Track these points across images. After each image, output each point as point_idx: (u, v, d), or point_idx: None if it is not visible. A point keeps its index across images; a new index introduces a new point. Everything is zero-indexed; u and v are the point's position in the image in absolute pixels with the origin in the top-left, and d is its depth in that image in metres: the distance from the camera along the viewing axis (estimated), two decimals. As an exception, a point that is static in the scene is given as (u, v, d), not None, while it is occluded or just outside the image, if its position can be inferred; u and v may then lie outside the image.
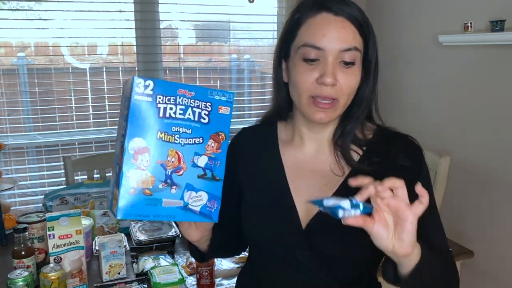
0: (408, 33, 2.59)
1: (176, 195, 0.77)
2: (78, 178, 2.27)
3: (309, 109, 0.87)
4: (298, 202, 0.94)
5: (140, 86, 0.73)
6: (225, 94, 0.80)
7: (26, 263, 1.31)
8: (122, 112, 0.78)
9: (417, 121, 2.54)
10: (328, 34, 0.84)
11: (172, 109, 0.75)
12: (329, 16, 0.85)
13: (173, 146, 0.76)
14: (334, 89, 0.85)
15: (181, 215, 0.78)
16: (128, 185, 0.73)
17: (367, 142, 0.93)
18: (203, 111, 0.78)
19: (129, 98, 0.73)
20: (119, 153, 0.75)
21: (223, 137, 0.80)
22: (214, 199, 0.80)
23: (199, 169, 0.78)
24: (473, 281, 2.22)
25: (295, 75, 0.88)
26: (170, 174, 0.76)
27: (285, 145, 1.00)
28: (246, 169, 1.03)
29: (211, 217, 0.81)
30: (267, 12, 2.80)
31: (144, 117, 0.73)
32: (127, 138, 0.72)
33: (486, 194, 2.15)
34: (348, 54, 0.85)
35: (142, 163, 0.74)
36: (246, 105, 2.90)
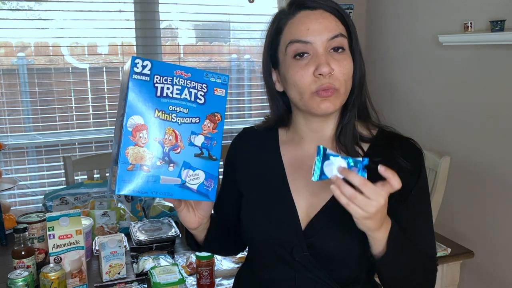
0: (408, 33, 2.59)
1: (173, 172, 0.78)
2: (78, 178, 2.27)
3: (313, 103, 0.87)
4: (298, 202, 0.94)
5: (138, 66, 0.76)
6: (221, 77, 0.82)
7: (26, 263, 1.31)
8: (121, 94, 0.80)
9: (417, 121, 2.54)
10: (311, 27, 0.86)
11: (169, 89, 0.78)
12: (307, 12, 0.87)
13: (170, 124, 0.78)
14: (331, 78, 0.86)
15: (178, 192, 0.79)
16: (127, 161, 0.75)
17: (370, 139, 0.94)
18: (199, 92, 0.80)
19: (127, 78, 0.76)
20: (118, 131, 0.77)
21: (219, 117, 0.82)
22: (211, 178, 0.82)
23: (196, 148, 0.80)
24: (473, 281, 2.22)
25: (292, 75, 0.88)
26: (167, 151, 0.78)
27: (286, 145, 1.01)
28: (247, 169, 1.03)
29: (208, 196, 0.82)
30: (267, 12, 2.80)
31: (142, 96, 0.76)
32: (125, 115, 0.75)
33: (486, 194, 2.15)
34: (336, 41, 0.86)
35: (140, 140, 0.76)
36: (246, 105, 2.90)
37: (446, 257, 1.54)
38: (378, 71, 2.77)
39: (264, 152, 1.02)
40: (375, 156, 0.90)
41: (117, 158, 0.75)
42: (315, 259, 0.90)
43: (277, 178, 0.97)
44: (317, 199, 0.92)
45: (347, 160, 0.77)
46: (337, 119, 0.95)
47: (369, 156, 0.91)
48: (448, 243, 1.62)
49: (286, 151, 1.00)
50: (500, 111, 2.04)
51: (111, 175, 0.80)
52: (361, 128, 0.95)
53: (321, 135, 0.96)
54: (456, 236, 2.03)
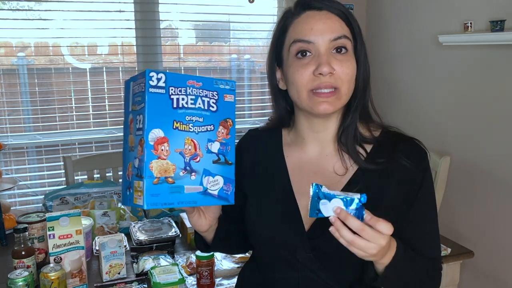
0: (408, 33, 2.59)
1: (195, 181, 0.81)
2: (78, 178, 2.27)
3: (311, 103, 0.87)
4: (301, 204, 0.94)
5: (153, 79, 0.77)
6: (228, 83, 0.85)
7: (26, 263, 1.31)
8: (133, 108, 0.81)
9: (417, 121, 2.54)
10: (315, 27, 0.86)
11: (184, 100, 0.79)
12: (313, 12, 0.88)
13: (188, 134, 0.80)
14: (333, 77, 0.85)
15: (202, 199, 0.82)
16: (152, 175, 0.76)
17: (374, 140, 0.93)
18: (211, 100, 0.82)
19: (143, 92, 0.77)
20: (138, 146, 0.78)
21: (230, 123, 0.85)
22: (229, 182, 0.84)
23: (213, 154, 0.83)
24: (473, 281, 2.22)
25: (292, 73, 0.89)
26: (188, 161, 0.80)
27: (289, 147, 1.01)
28: (251, 170, 1.03)
29: (228, 200, 0.85)
30: (267, 12, 2.80)
31: (160, 109, 0.77)
32: (146, 130, 0.76)
33: (486, 194, 2.15)
34: (339, 42, 0.87)
35: (162, 152, 0.77)
36: (246, 105, 2.90)
37: (446, 257, 1.55)
38: (378, 71, 2.77)
39: (268, 154, 1.03)
40: (379, 157, 0.91)
41: (141, 172, 0.76)
42: (319, 260, 0.91)
43: (281, 180, 0.97)
44: None
45: (344, 199, 0.76)
46: (339, 120, 0.95)
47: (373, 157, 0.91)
48: (448, 243, 1.62)
49: (289, 153, 1.00)
50: (500, 111, 2.04)
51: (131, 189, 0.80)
52: (364, 129, 0.95)
53: (322, 135, 0.96)
54: (456, 236, 2.03)
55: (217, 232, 1.00)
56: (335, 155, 0.94)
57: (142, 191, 0.76)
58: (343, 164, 0.93)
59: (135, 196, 0.78)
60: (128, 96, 0.84)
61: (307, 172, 0.96)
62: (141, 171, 0.76)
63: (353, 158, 0.92)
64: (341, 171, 0.92)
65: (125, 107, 0.86)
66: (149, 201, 0.76)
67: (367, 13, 2.90)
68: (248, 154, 1.06)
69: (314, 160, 0.96)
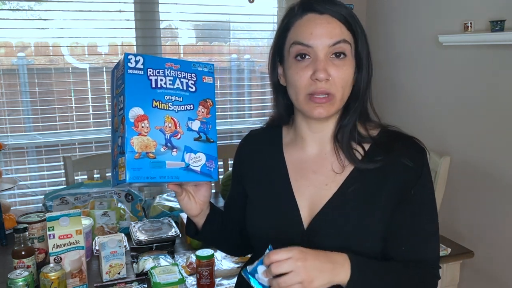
0: (408, 33, 2.59)
1: (177, 157, 0.84)
2: (78, 178, 2.27)
3: (307, 106, 0.89)
4: (301, 203, 0.95)
5: (132, 61, 0.81)
6: (207, 66, 0.89)
7: (26, 263, 1.31)
8: (116, 92, 0.85)
9: (417, 121, 2.54)
10: (315, 31, 0.87)
11: (162, 80, 0.84)
12: (315, 15, 0.89)
13: (168, 112, 0.84)
14: (328, 83, 0.87)
15: (184, 175, 0.85)
16: (133, 150, 0.80)
17: (371, 139, 0.94)
18: (189, 81, 0.86)
19: (123, 74, 0.81)
20: (120, 125, 0.82)
21: (210, 103, 0.88)
22: (211, 159, 0.87)
23: (194, 132, 0.86)
24: (473, 281, 2.22)
25: (291, 74, 0.90)
26: (169, 138, 0.83)
27: (289, 147, 1.02)
28: (251, 170, 1.05)
29: (211, 176, 0.88)
30: (267, 12, 2.80)
31: (139, 88, 0.82)
32: (126, 108, 0.80)
33: (486, 194, 2.15)
34: (337, 47, 0.87)
35: (142, 129, 0.81)
36: (246, 105, 2.90)
37: (446, 257, 1.54)
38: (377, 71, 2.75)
39: (268, 153, 1.04)
40: (376, 155, 0.91)
41: (123, 148, 0.80)
42: None
43: (280, 179, 0.98)
44: (318, 199, 0.93)
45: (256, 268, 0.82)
46: (337, 120, 0.96)
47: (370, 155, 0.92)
48: (448, 243, 1.62)
49: (289, 153, 1.01)
50: (500, 111, 2.04)
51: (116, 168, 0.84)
52: (362, 128, 0.95)
53: (321, 136, 0.97)
54: (456, 236, 2.02)
55: (209, 222, 1.01)
56: (333, 154, 0.95)
57: (124, 166, 0.80)
58: (340, 163, 0.93)
59: (119, 173, 0.82)
60: (113, 83, 0.88)
61: (306, 171, 0.97)
62: (123, 147, 0.80)
63: (348, 157, 0.92)
64: (339, 170, 0.93)
65: (111, 95, 0.90)
66: (131, 174, 0.80)
67: (367, 13, 2.90)
68: (249, 154, 1.07)
69: (313, 159, 0.97)
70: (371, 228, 0.89)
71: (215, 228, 1.03)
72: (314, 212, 0.92)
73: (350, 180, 0.92)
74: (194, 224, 1.03)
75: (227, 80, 2.81)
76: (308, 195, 0.94)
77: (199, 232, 1.04)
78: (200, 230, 1.03)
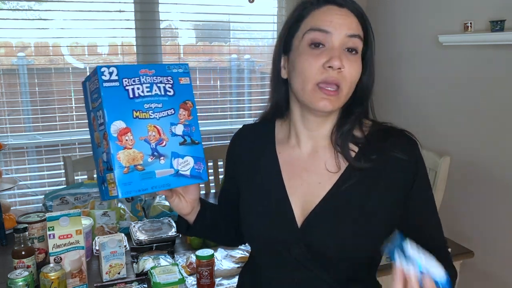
0: (408, 33, 2.59)
1: (165, 164, 0.83)
2: (78, 178, 2.27)
3: (314, 96, 0.87)
4: (294, 201, 0.94)
5: (106, 74, 0.79)
6: (181, 66, 0.87)
7: (26, 263, 1.31)
8: (93, 106, 0.83)
9: (417, 121, 2.54)
10: (335, 20, 0.87)
11: (139, 89, 0.82)
12: (334, 7, 0.88)
13: (150, 121, 0.82)
14: (340, 74, 0.86)
15: (175, 181, 0.84)
16: (121, 165, 0.79)
17: (364, 138, 0.93)
18: (166, 85, 0.85)
19: (98, 88, 0.79)
20: (103, 140, 0.80)
21: (190, 104, 0.87)
22: (199, 161, 0.87)
23: (178, 137, 0.85)
24: (473, 281, 2.22)
25: (301, 62, 0.88)
26: (155, 147, 0.82)
27: (281, 144, 1.01)
28: (244, 167, 1.04)
29: (201, 177, 0.87)
30: (267, 12, 2.80)
31: (117, 101, 0.79)
32: (107, 123, 0.78)
33: (486, 194, 2.15)
34: (353, 41, 0.87)
35: (127, 142, 0.80)
36: (246, 105, 2.90)
37: (446, 257, 1.54)
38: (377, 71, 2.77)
39: (260, 150, 1.03)
40: (370, 154, 0.91)
41: (110, 164, 0.78)
42: (313, 256, 0.91)
43: (273, 177, 0.98)
44: (312, 198, 0.92)
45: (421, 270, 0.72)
46: (335, 122, 0.95)
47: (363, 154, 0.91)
48: (448, 243, 1.63)
49: (281, 149, 1.00)
50: (500, 111, 2.04)
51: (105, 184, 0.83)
52: (356, 128, 0.94)
53: (315, 134, 0.96)
54: (456, 236, 2.02)
55: (201, 217, 1.01)
56: (327, 152, 0.94)
57: (114, 182, 0.79)
58: (335, 161, 0.93)
59: (109, 189, 0.81)
60: (87, 96, 0.86)
61: (299, 169, 0.96)
62: (110, 163, 0.79)
63: (345, 157, 0.92)
64: (333, 168, 0.92)
65: (86, 108, 0.88)
66: (123, 190, 0.79)
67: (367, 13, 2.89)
68: (242, 149, 1.06)
69: (306, 157, 0.97)
70: (366, 226, 0.89)
71: (207, 223, 1.03)
72: (307, 210, 0.92)
73: (344, 178, 0.91)
74: (184, 220, 1.04)
75: (227, 80, 2.81)
76: (301, 194, 0.94)
77: (190, 228, 1.04)
78: (191, 226, 1.03)
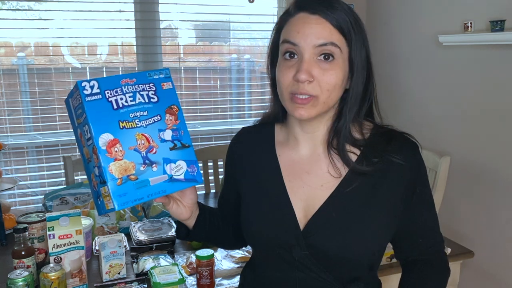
0: (408, 33, 2.59)
1: (158, 171, 0.83)
2: (78, 178, 2.27)
3: (290, 106, 0.89)
4: (295, 203, 0.94)
5: (87, 88, 0.79)
6: (162, 72, 0.87)
7: (26, 263, 1.31)
8: (78, 122, 0.83)
9: (417, 121, 2.54)
10: (302, 30, 0.86)
11: (122, 99, 0.81)
12: (306, 15, 0.87)
13: (137, 130, 0.82)
14: (311, 85, 0.85)
15: (170, 187, 0.84)
16: (114, 177, 0.78)
17: (365, 141, 0.93)
18: (149, 92, 0.84)
19: (81, 103, 0.79)
20: (92, 155, 0.80)
21: (176, 109, 0.87)
22: (192, 164, 0.87)
23: (168, 142, 0.85)
24: (473, 281, 2.22)
25: (278, 72, 0.90)
26: (145, 155, 0.82)
27: (281, 146, 1.01)
28: (244, 169, 1.04)
29: (196, 180, 0.87)
30: (267, 12, 2.80)
31: (102, 113, 0.79)
32: (94, 137, 0.78)
33: (486, 194, 2.15)
34: (324, 49, 0.85)
35: (117, 153, 0.79)
36: (246, 105, 2.90)
37: (446, 257, 1.54)
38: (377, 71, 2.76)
39: (260, 152, 1.03)
40: (371, 157, 0.90)
41: (103, 178, 0.78)
42: (315, 258, 0.91)
43: (274, 179, 0.97)
44: (314, 200, 0.92)
45: None
46: (330, 123, 0.94)
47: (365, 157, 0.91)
48: (448, 243, 1.62)
49: (282, 152, 1.00)
50: (500, 111, 2.04)
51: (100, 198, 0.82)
52: (356, 129, 0.94)
53: (313, 136, 0.96)
54: (456, 236, 2.02)
55: (200, 221, 1.00)
56: (327, 156, 0.94)
57: (109, 195, 0.78)
58: (336, 165, 0.92)
59: (105, 202, 0.80)
60: (71, 113, 0.85)
61: (299, 172, 0.96)
62: (103, 176, 0.78)
63: (343, 161, 0.91)
64: (334, 172, 0.92)
65: (72, 125, 0.87)
66: (119, 201, 0.78)
67: (367, 13, 2.90)
68: (241, 151, 1.06)
69: (306, 160, 0.96)
70: (369, 229, 0.89)
71: (206, 227, 1.02)
72: (310, 213, 0.92)
73: (346, 182, 0.91)
74: (184, 226, 1.02)
75: (227, 80, 2.81)
76: (302, 196, 0.94)
77: (190, 232, 1.03)
78: (191, 231, 1.02)
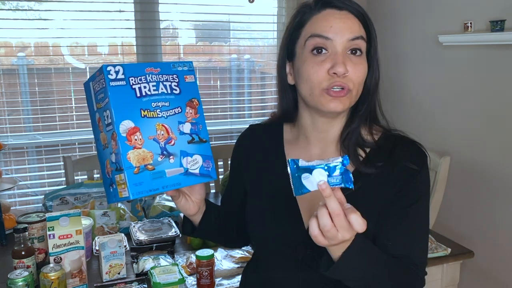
0: (408, 33, 2.59)
1: (175, 163, 0.82)
2: (78, 178, 2.27)
3: (323, 100, 0.87)
4: (301, 203, 0.94)
5: (112, 73, 0.78)
6: (186, 64, 0.86)
7: (26, 263, 1.31)
8: (98, 106, 0.82)
9: (417, 121, 2.54)
10: (335, 25, 0.86)
11: (146, 87, 0.81)
12: (333, 11, 0.88)
13: (158, 120, 0.81)
14: (345, 79, 0.85)
15: (185, 180, 0.83)
16: (131, 165, 0.77)
17: (373, 143, 0.93)
18: (172, 83, 0.84)
19: (104, 87, 0.78)
20: (111, 141, 0.79)
21: (196, 102, 0.86)
22: (208, 159, 0.86)
23: (186, 135, 0.84)
24: (473, 281, 2.22)
25: (306, 69, 0.88)
26: (164, 146, 0.81)
27: (290, 145, 1.01)
28: (251, 167, 1.04)
29: (210, 176, 0.86)
30: (267, 12, 2.80)
31: (125, 100, 0.78)
32: (115, 123, 0.77)
33: (486, 194, 2.15)
34: (356, 43, 0.87)
35: (136, 142, 0.79)
36: (246, 105, 2.90)
37: (446, 257, 1.54)
38: (378, 71, 2.77)
39: (268, 151, 1.03)
40: (377, 160, 0.90)
41: (120, 165, 0.77)
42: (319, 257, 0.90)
43: (281, 178, 0.97)
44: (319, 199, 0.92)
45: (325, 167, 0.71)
46: (344, 122, 0.94)
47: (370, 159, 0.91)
48: (448, 243, 1.62)
49: (290, 151, 1.00)
50: (500, 111, 2.04)
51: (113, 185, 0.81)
52: (365, 132, 0.94)
53: (325, 136, 0.95)
54: (456, 236, 2.02)
55: (206, 218, 1.00)
56: (336, 156, 0.94)
57: (125, 183, 0.77)
58: None
59: (119, 190, 0.80)
60: (90, 96, 0.85)
61: None
62: (120, 163, 0.77)
63: (352, 161, 0.91)
64: None
65: (89, 108, 0.87)
66: (134, 190, 0.77)
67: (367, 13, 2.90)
68: (249, 149, 1.06)
69: (316, 159, 0.96)
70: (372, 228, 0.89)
71: (212, 224, 1.02)
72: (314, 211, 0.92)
73: None
74: (189, 222, 1.03)
75: (227, 80, 2.81)
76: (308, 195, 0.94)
77: (196, 229, 1.03)
78: (197, 227, 1.02)
